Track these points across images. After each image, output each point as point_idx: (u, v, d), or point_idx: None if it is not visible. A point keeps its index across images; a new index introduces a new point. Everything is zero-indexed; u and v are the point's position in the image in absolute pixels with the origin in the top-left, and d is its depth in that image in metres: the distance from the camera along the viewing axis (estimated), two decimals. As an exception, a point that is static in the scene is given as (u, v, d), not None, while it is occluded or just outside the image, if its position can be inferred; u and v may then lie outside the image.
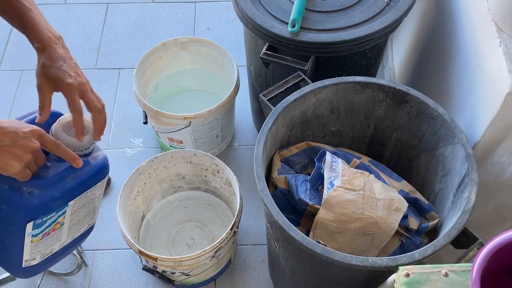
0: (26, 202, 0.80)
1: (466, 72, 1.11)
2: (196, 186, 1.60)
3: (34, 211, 0.82)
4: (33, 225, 0.84)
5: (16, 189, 0.80)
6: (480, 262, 0.63)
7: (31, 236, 0.87)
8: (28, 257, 0.92)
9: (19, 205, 0.81)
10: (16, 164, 0.77)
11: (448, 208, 1.05)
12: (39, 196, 0.81)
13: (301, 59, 1.22)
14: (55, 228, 0.92)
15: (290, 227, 0.92)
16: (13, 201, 0.80)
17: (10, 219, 0.83)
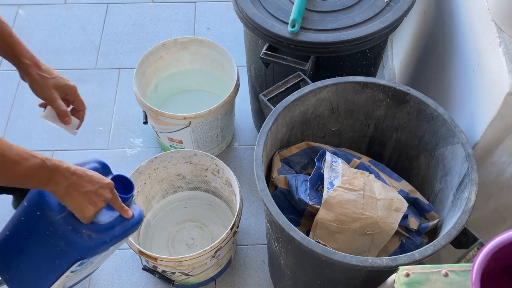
0: (84, 243, 0.89)
1: (466, 72, 1.11)
2: (196, 186, 1.60)
3: (88, 252, 0.91)
4: (79, 263, 0.93)
5: (78, 231, 0.88)
6: (480, 262, 0.63)
7: (70, 272, 0.95)
8: (57, 285, 0.99)
9: (77, 245, 0.89)
10: (92, 208, 0.87)
11: (448, 208, 1.05)
12: (95, 240, 0.90)
13: (301, 59, 1.22)
14: (87, 267, 1.01)
15: (290, 227, 0.92)
16: (73, 241, 0.88)
17: (62, 255, 0.91)
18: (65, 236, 0.88)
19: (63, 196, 0.85)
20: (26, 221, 0.92)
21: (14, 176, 0.80)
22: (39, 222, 0.90)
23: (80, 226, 0.88)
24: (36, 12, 2.14)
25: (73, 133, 1.08)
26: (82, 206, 0.87)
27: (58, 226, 0.88)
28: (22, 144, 1.72)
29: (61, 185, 0.84)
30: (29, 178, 0.81)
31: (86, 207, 0.87)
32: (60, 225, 0.88)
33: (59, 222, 0.88)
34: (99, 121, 1.86)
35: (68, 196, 0.86)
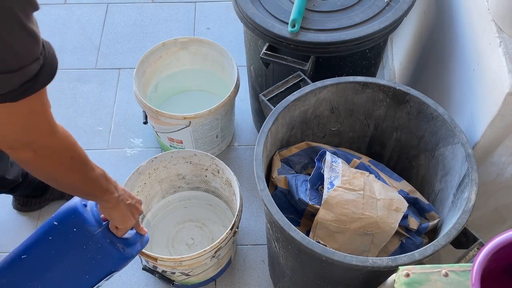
0: (119, 255, 0.96)
1: (466, 72, 1.11)
2: (196, 186, 1.60)
3: (120, 264, 0.98)
4: (109, 276, 0.99)
5: (114, 244, 0.95)
6: (480, 262, 0.63)
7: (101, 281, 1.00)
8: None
9: (114, 257, 0.96)
10: (132, 220, 0.96)
11: (448, 208, 1.05)
12: (126, 253, 0.97)
13: (301, 59, 1.22)
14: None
15: (290, 227, 0.92)
16: (110, 254, 0.95)
17: (96, 269, 0.97)
18: (104, 249, 0.94)
19: (113, 207, 0.91)
20: (55, 240, 0.94)
21: (87, 179, 0.83)
22: (75, 239, 0.93)
23: (116, 240, 0.95)
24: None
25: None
26: (126, 217, 0.94)
27: (98, 239, 0.93)
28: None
29: (113, 196, 0.89)
30: (97, 185, 0.85)
31: (129, 218, 0.94)
32: (100, 239, 0.93)
33: (98, 235, 0.93)
34: (99, 121, 1.86)
35: (117, 207, 0.91)
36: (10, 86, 0.61)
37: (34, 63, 0.63)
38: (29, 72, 0.62)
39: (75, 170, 0.80)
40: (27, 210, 1.64)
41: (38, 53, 0.63)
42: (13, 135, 0.69)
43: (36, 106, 0.68)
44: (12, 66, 0.60)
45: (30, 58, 0.62)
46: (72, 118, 1.86)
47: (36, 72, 0.63)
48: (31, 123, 0.69)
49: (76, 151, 0.79)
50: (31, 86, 0.64)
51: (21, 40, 0.60)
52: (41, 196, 1.62)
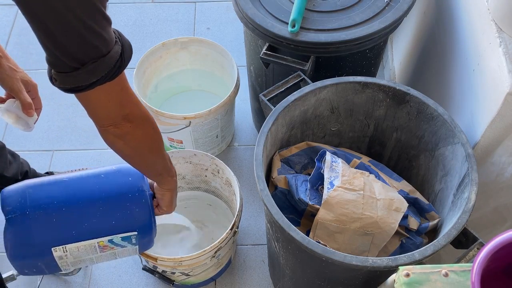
0: (149, 221, 1.07)
1: (466, 72, 1.11)
2: (196, 186, 1.60)
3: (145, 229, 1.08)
4: (127, 236, 1.05)
5: (152, 210, 1.07)
6: (480, 262, 0.63)
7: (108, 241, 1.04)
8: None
9: (145, 218, 1.06)
10: (174, 207, 1.12)
11: (448, 208, 1.05)
12: (152, 224, 1.09)
13: (301, 59, 1.22)
14: (112, 248, 1.07)
15: (290, 227, 0.92)
16: (144, 213, 1.05)
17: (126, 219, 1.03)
18: (143, 206, 1.03)
19: (169, 189, 1.03)
20: (108, 178, 1.05)
21: (163, 156, 0.95)
22: (125, 185, 1.03)
23: (152, 209, 1.06)
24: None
25: (29, 130, 1.11)
26: (173, 202, 1.09)
27: (145, 196, 1.04)
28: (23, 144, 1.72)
29: (173, 179, 1.02)
30: (167, 162, 0.97)
31: (174, 204, 1.11)
32: (146, 197, 1.04)
33: (146, 195, 1.04)
34: (99, 121, 1.85)
35: (171, 191, 1.04)
36: (108, 67, 0.70)
37: (116, 45, 0.72)
38: (116, 53, 0.71)
39: (158, 141, 0.90)
40: (27, 210, 1.64)
41: (115, 36, 0.73)
42: (115, 111, 0.78)
43: (124, 82, 0.77)
44: (104, 51, 0.69)
45: (113, 40, 0.71)
46: (72, 118, 1.86)
47: (121, 52, 0.73)
48: (124, 98, 0.79)
49: (155, 124, 0.88)
50: (121, 64, 0.73)
51: (104, 27, 0.69)
52: None
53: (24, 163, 1.52)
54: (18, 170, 1.48)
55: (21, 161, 1.50)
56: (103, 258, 1.10)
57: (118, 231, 1.03)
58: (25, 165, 1.52)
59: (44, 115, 1.87)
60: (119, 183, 1.04)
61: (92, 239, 1.01)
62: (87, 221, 1.01)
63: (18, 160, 1.48)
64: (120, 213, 1.02)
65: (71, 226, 1.00)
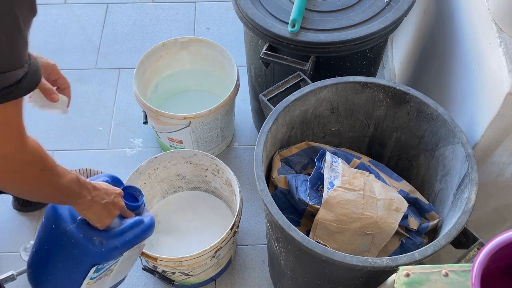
0: (95, 249, 0.95)
1: (466, 72, 1.11)
2: (196, 186, 1.60)
3: (100, 257, 0.98)
4: (95, 269, 0.99)
5: (89, 238, 0.95)
6: (480, 262, 0.63)
7: (89, 279, 1.01)
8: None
9: (89, 251, 0.95)
10: (110, 217, 0.97)
11: (448, 208, 1.05)
12: (106, 245, 0.96)
13: (301, 59, 1.22)
14: (106, 274, 1.06)
15: (290, 227, 0.92)
16: (85, 248, 0.95)
17: (77, 262, 0.97)
18: (78, 243, 0.95)
19: (86, 208, 0.91)
20: (45, 235, 1.00)
21: (57, 188, 0.82)
22: (55, 234, 0.97)
23: (92, 234, 0.95)
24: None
25: (65, 112, 1.07)
26: (102, 216, 0.95)
27: (71, 235, 0.95)
28: (22, 144, 1.65)
29: (86, 199, 0.89)
30: (68, 191, 0.85)
31: (106, 217, 0.96)
32: (73, 234, 0.95)
33: (71, 231, 0.95)
34: (99, 121, 1.86)
35: (90, 208, 0.92)
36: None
37: (21, 69, 0.61)
38: (14, 77, 0.60)
39: (45, 181, 0.78)
40: (27, 210, 1.64)
41: (25, 60, 0.62)
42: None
43: (11, 116, 0.64)
44: (0, 67, 0.58)
45: (18, 63, 0.61)
46: (72, 118, 1.86)
47: (20, 78, 0.61)
48: (3, 134, 0.65)
49: (46, 163, 0.76)
50: (13, 91, 0.61)
51: (15, 44, 0.59)
52: None
53: None
54: None
55: None
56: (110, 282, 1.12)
57: (83, 274, 1.00)
58: None
59: (44, 115, 1.87)
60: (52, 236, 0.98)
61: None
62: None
63: None
64: (71, 262, 0.98)
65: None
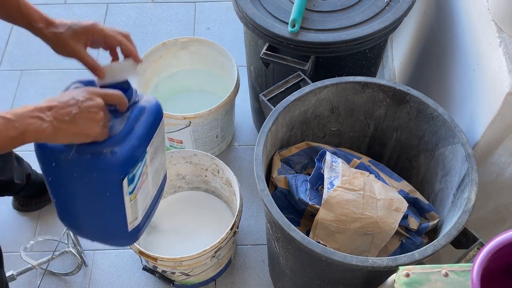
0: (113, 161, 0.79)
1: (466, 72, 1.11)
2: (196, 186, 1.60)
3: (123, 166, 0.81)
4: (128, 180, 0.83)
5: (98, 154, 0.78)
6: (480, 262, 0.63)
7: (128, 194, 0.85)
8: (132, 218, 0.91)
9: (108, 167, 0.79)
10: (95, 125, 0.75)
11: (448, 208, 1.05)
12: (121, 152, 0.80)
13: (301, 59, 1.22)
14: (143, 180, 0.90)
15: (290, 227, 0.92)
16: (101, 166, 0.79)
17: (104, 185, 0.82)
18: (91, 166, 0.79)
19: (54, 136, 0.73)
20: (54, 179, 0.85)
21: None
22: (62, 172, 0.82)
23: (98, 148, 0.78)
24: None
25: (136, 75, 0.92)
26: (85, 131, 0.75)
27: (77, 163, 0.79)
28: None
29: (41, 128, 0.71)
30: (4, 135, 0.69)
31: (88, 129, 0.75)
32: (79, 160, 0.79)
33: (75, 159, 0.79)
34: (99, 121, 1.85)
35: (58, 133, 0.73)
36: None
37: None
38: None
39: None
40: (27, 210, 1.64)
41: None
42: None
43: None
44: None
45: None
46: (72, 118, 1.86)
47: None
48: None
49: None
50: None
51: None
52: (41, 196, 1.62)
53: (27, 166, 1.53)
54: (23, 174, 1.49)
55: (25, 165, 1.51)
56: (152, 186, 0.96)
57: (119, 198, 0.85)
58: (28, 168, 1.53)
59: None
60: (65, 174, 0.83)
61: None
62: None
63: (22, 164, 1.49)
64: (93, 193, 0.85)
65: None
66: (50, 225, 1.63)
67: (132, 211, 0.89)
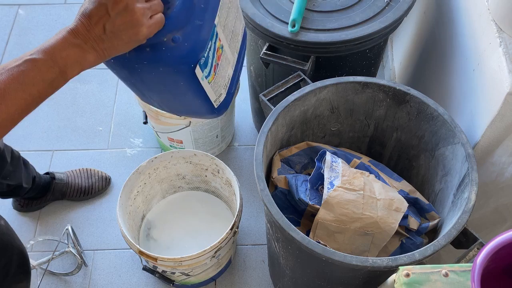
0: (178, 50, 0.69)
1: (466, 72, 1.11)
2: (196, 186, 1.60)
3: (191, 54, 0.71)
4: (200, 66, 0.73)
5: (158, 45, 0.68)
6: (481, 262, 0.63)
7: (205, 79, 0.77)
8: (215, 97, 0.84)
9: (174, 58, 0.70)
10: (138, 27, 0.63)
11: (448, 208, 1.05)
12: (184, 36, 0.69)
13: (301, 59, 1.22)
14: (219, 56, 0.80)
15: (290, 227, 0.92)
16: (166, 58, 0.69)
17: (176, 77, 0.73)
18: (155, 60, 0.70)
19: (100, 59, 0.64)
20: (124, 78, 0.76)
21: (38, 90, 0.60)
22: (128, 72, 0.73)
23: (156, 40, 0.68)
24: (36, 12, 2.14)
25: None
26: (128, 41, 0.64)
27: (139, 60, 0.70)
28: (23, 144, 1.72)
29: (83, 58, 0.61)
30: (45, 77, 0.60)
31: (133, 35, 0.64)
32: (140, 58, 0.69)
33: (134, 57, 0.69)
34: (99, 121, 1.86)
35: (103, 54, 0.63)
36: None
37: None
38: None
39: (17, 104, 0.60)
40: (27, 210, 1.64)
41: None
42: None
43: None
44: None
45: None
46: (72, 118, 1.86)
47: None
48: None
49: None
50: None
51: None
52: (42, 197, 1.62)
53: (32, 169, 1.53)
54: (30, 178, 1.49)
55: (30, 168, 1.51)
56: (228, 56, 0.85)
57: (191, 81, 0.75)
58: (33, 171, 1.53)
59: (44, 115, 1.87)
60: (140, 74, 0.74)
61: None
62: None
63: (28, 167, 1.50)
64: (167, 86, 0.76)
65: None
66: (50, 225, 1.63)
67: (214, 90, 0.80)
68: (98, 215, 1.65)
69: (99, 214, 1.66)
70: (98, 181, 1.67)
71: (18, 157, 1.41)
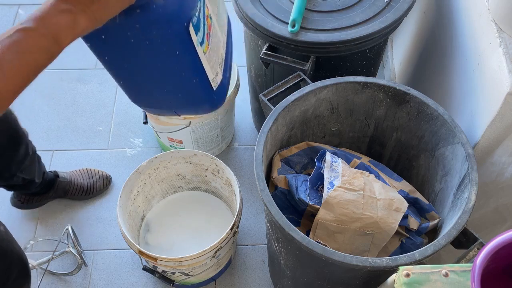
0: (169, 7, 0.67)
1: (466, 72, 1.11)
2: (196, 186, 1.60)
3: (183, 9, 0.69)
4: (193, 27, 0.71)
5: (149, 4, 0.66)
6: (481, 262, 0.63)
7: (199, 45, 0.74)
8: (213, 74, 0.82)
9: (166, 15, 0.67)
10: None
11: (448, 208, 1.05)
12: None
13: (301, 59, 1.22)
14: (209, 26, 0.79)
15: (290, 227, 0.92)
16: (158, 17, 0.67)
17: (169, 41, 0.71)
18: (146, 23, 0.67)
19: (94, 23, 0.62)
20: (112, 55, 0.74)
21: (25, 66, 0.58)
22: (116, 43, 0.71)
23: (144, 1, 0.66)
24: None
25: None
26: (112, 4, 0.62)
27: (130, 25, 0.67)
28: (22, 144, 1.64)
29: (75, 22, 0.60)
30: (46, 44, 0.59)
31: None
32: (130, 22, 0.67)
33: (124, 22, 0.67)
34: (99, 121, 1.86)
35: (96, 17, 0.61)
36: None
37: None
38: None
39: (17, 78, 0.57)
40: (27, 207, 1.64)
41: None
42: None
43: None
44: None
45: None
46: (72, 118, 1.86)
47: None
48: None
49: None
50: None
51: None
52: (45, 193, 1.62)
53: (43, 165, 1.54)
54: (41, 173, 1.50)
55: (42, 163, 1.52)
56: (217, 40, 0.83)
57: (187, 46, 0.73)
58: (43, 167, 1.54)
59: (44, 115, 1.87)
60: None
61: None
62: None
63: (41, 163, 1.51)
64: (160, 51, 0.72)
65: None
66: (50, 225, 1.63)
67: (210, 65, 0.79)
68: (98, 215, 1.65)
69: (99, 214, 1.66)
70: (99, 181, 1.67)
71: (34, 151, 1.43)
